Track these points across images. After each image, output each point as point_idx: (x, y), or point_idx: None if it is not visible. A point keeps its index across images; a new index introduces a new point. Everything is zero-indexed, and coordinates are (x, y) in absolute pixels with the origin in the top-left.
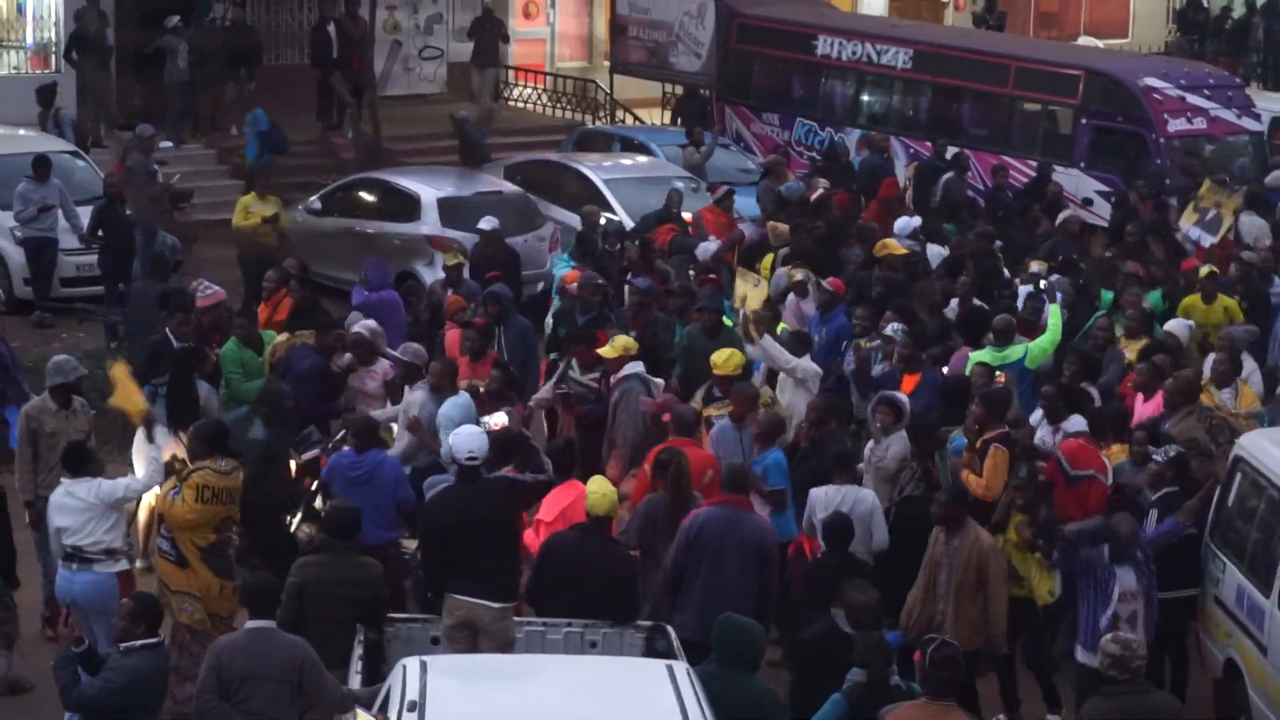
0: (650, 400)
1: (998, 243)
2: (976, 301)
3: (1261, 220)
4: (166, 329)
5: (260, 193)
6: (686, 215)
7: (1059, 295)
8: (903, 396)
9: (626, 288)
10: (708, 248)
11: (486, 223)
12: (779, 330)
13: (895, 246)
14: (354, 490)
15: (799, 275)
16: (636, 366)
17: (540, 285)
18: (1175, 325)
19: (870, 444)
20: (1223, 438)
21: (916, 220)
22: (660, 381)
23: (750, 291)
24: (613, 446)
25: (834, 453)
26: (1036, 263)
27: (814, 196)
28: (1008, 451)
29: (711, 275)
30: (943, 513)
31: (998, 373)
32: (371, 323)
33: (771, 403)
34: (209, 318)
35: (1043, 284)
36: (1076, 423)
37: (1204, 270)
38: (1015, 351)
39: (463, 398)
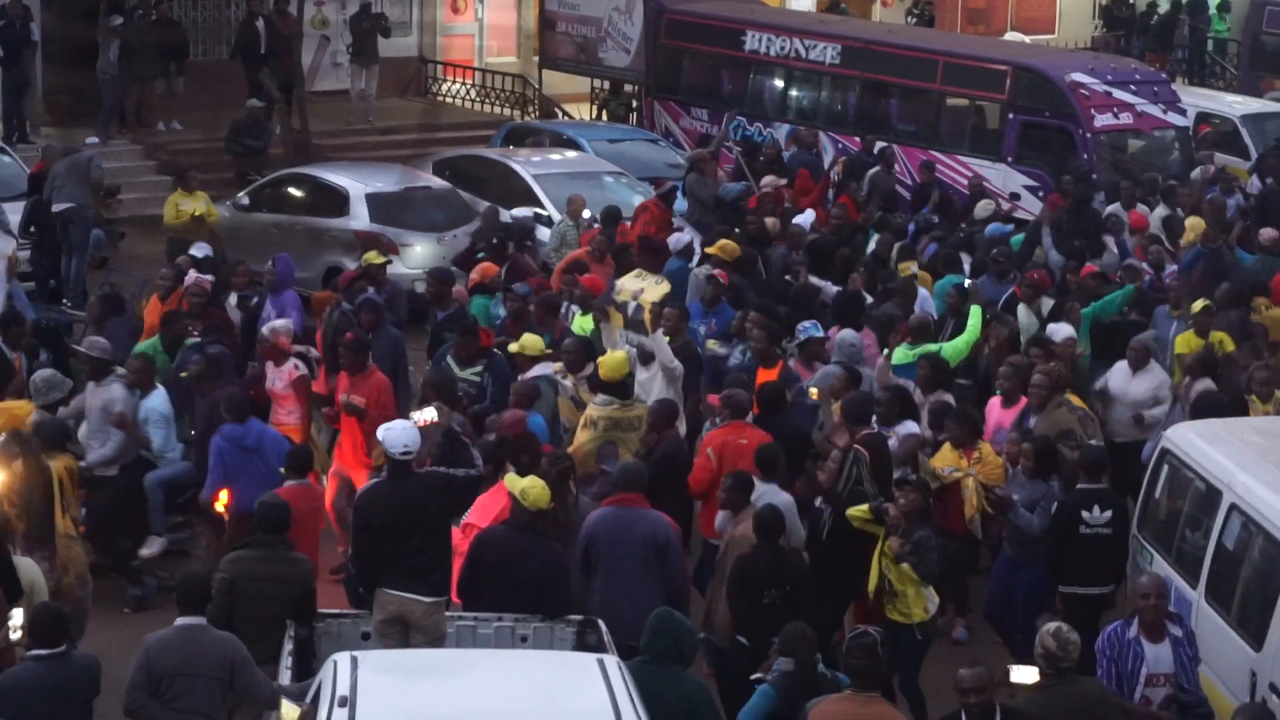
0: (714, 396)
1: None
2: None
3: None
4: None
5: (189, 188)
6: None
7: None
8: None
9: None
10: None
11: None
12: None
13: (731, 248)
14: (247, 458)
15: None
16: (548, 368)
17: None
18: (1057, 329)
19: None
20: (1091, 429)
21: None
22: (569, 384)
23: (651, 289)
24: None
25: (758, 452)
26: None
27: (758, 196)
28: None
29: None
30: (728, 496)
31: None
32: (282, 322)
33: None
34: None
35: (966, 284)
36: (909, 426)
37: (1198, 305)
38: (929, 349)
39: (162, 392)
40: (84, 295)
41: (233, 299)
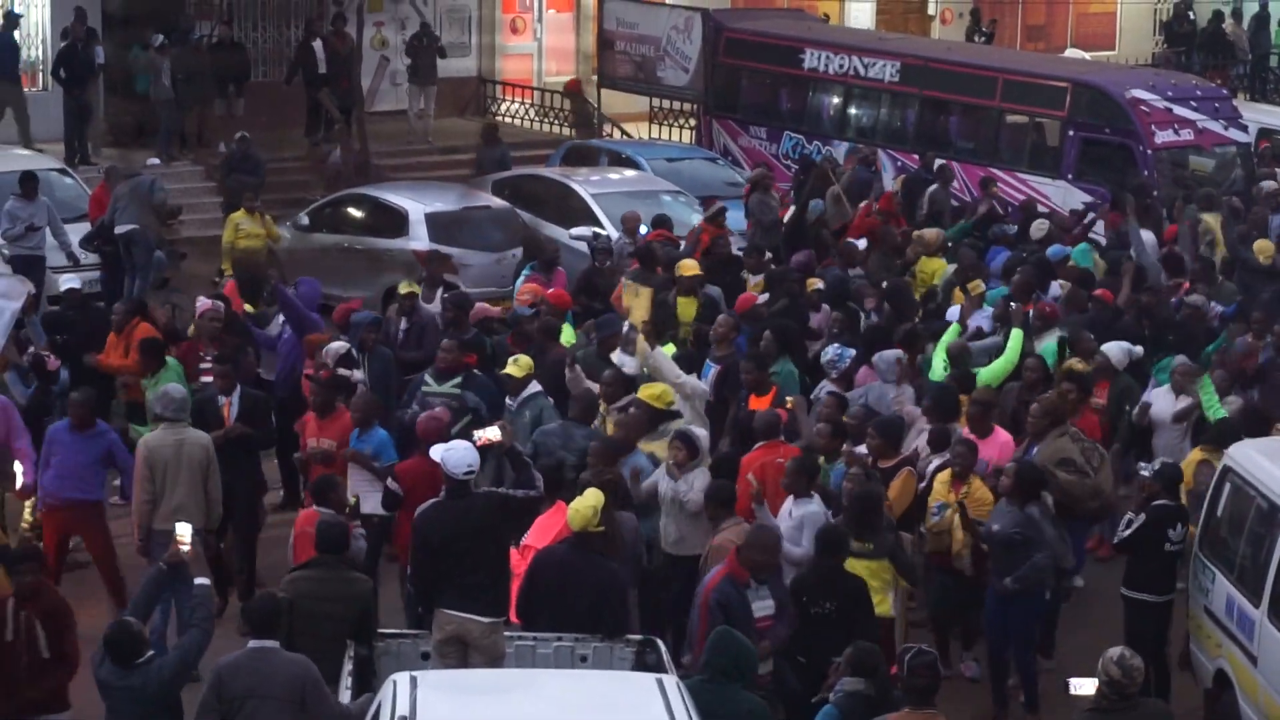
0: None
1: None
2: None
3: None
4: None
5: (249, 210)
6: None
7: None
8: (698, 433)
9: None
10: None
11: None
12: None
13: (690, 268)
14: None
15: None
16: (536, 386)
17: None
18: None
19: (666, 479)
20: (1095, 460)
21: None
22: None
23: (635, 303)
24: None
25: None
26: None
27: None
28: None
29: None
30: (709, 509)
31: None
32: (336, 345)
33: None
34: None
35: (1011, 306)
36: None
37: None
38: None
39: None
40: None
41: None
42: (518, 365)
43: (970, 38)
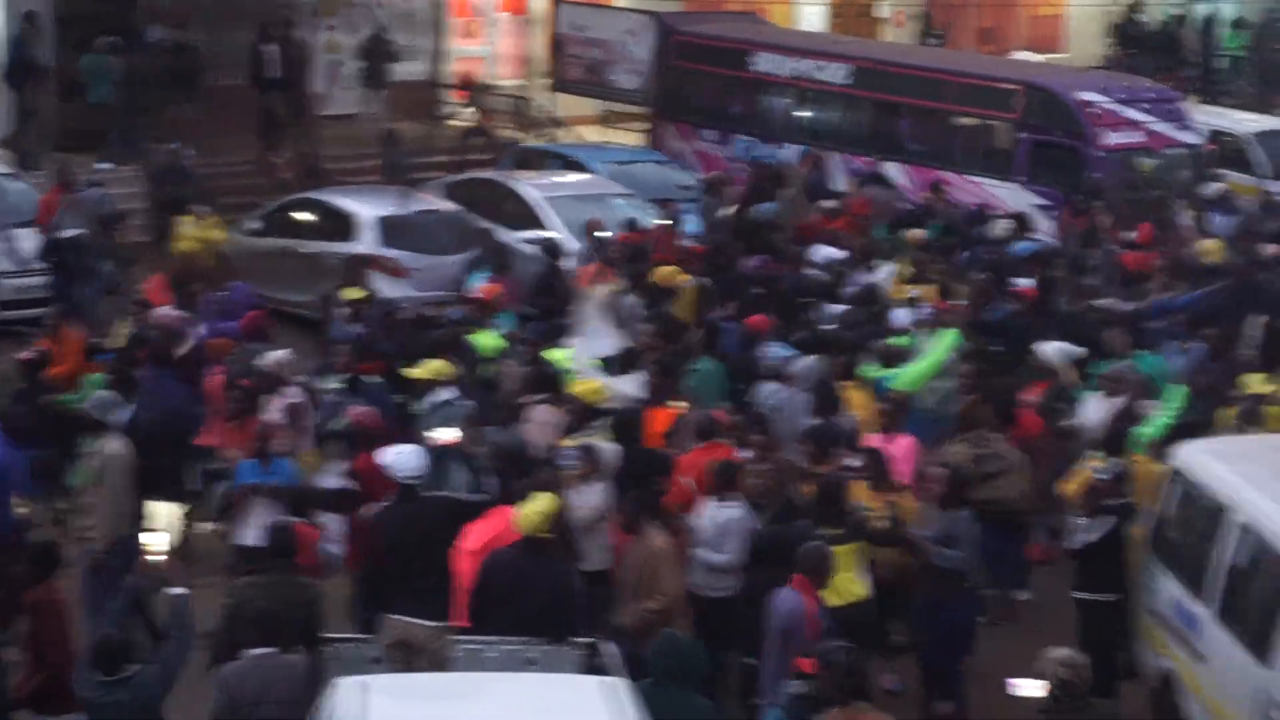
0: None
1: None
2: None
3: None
4: None
5: (196, 214)
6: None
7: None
8: (605, 446)
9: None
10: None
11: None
12: None
13: (672, 275)
14: None
15: None
16: (451, 392)
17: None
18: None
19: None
20: (991, 466)
21: (838, 253)
22: (471, 403)
23: (680, 302)
24: None
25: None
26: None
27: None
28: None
29: None
30: (624, 519)
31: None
32: (281, 354)
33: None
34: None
35: (925, 310)
36: None
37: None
38: (883, 374)
39: None
40: (99, 323)
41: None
42: (424, 369)
43: (922, 41)
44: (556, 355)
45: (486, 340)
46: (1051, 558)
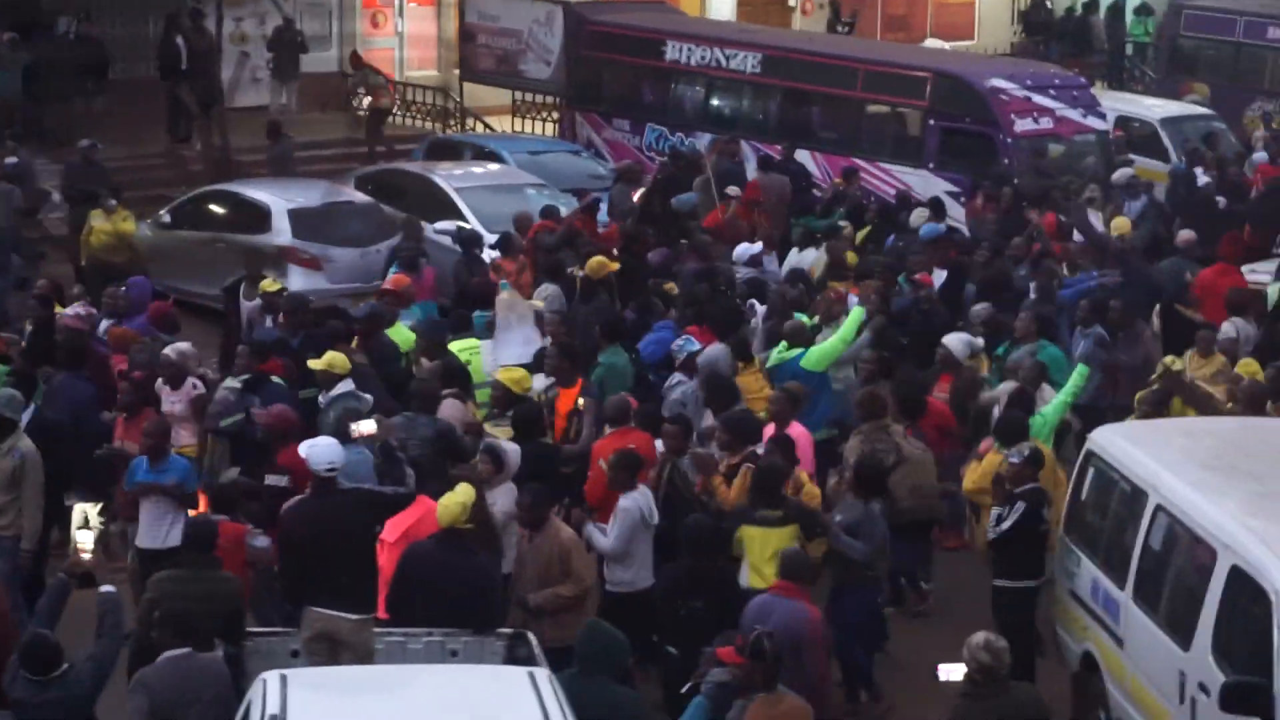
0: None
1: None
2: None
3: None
4: None
5: (106, 208)
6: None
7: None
8: (508, 446)
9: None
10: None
11: None
12: None
13: (602, 265)
14: None
15: None
16: (348, 385)
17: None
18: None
19: None
20: (886, 459)
21: (756, 247)
22: (370, 398)
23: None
24: None
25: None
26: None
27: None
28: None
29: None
30: (528, 514)
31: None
32: (185, 345)
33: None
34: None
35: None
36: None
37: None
38: (793, 354)
39: None
40: (6, 318)
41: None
42: (324, 361)
43: (832, 29)
44: (461, 347)
45: (397, 333)
46: (962, 545)
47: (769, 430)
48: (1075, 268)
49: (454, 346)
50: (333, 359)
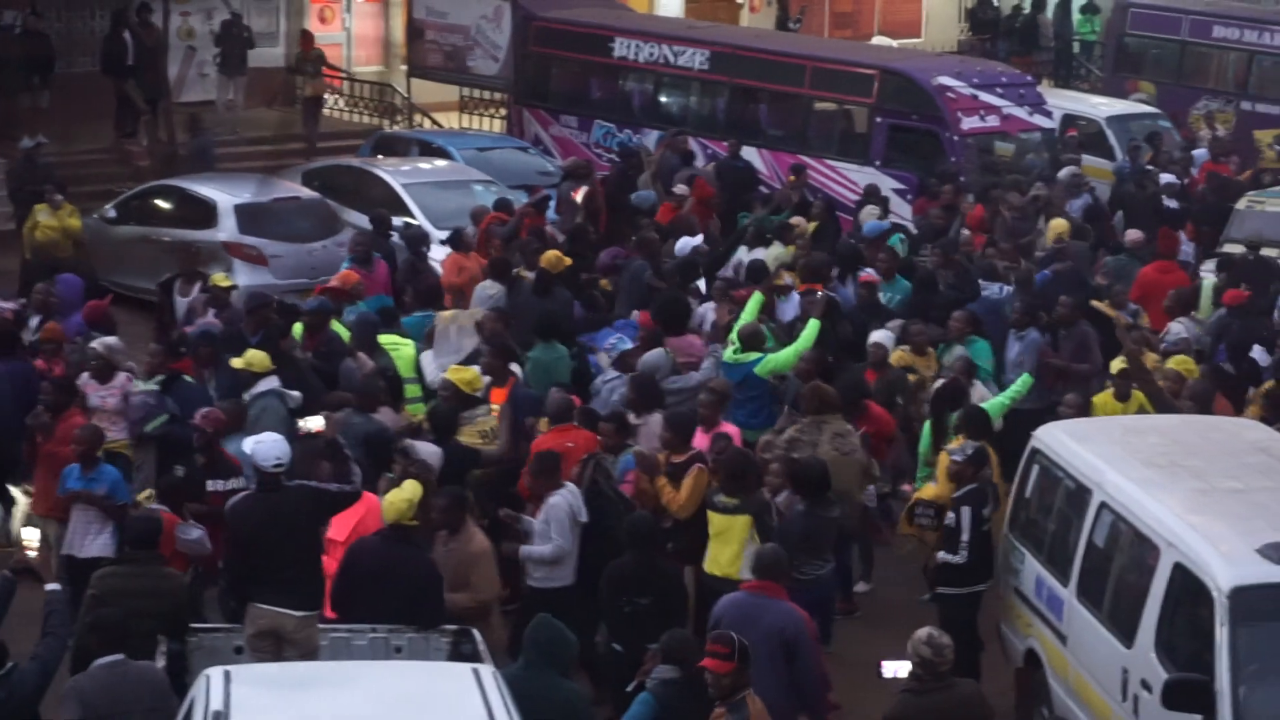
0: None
1: None
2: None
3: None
4: None
5: (51, 203)
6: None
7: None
8: (428, 448)
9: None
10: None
11: None
12: None
13: (557, 260)
14: None
15: None
16: (271, 382)
17: None
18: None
19: None
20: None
21: (696, 239)
22: (298, 395)
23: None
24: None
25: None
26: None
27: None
28: (707, 472)
29: None
30: (444, 517)
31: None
32: (112, 340)
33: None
34: None
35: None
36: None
37: (1116, 364)
38: (749, 357)
39: None
40: None
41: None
42: (244, 360)
43: (783, 26)
44: (390, 342)
45: (343, 330)
46: (888, 541)
47: (700, 432)
48: (992, 271)
49: (381, 340)
50: (251, 358)
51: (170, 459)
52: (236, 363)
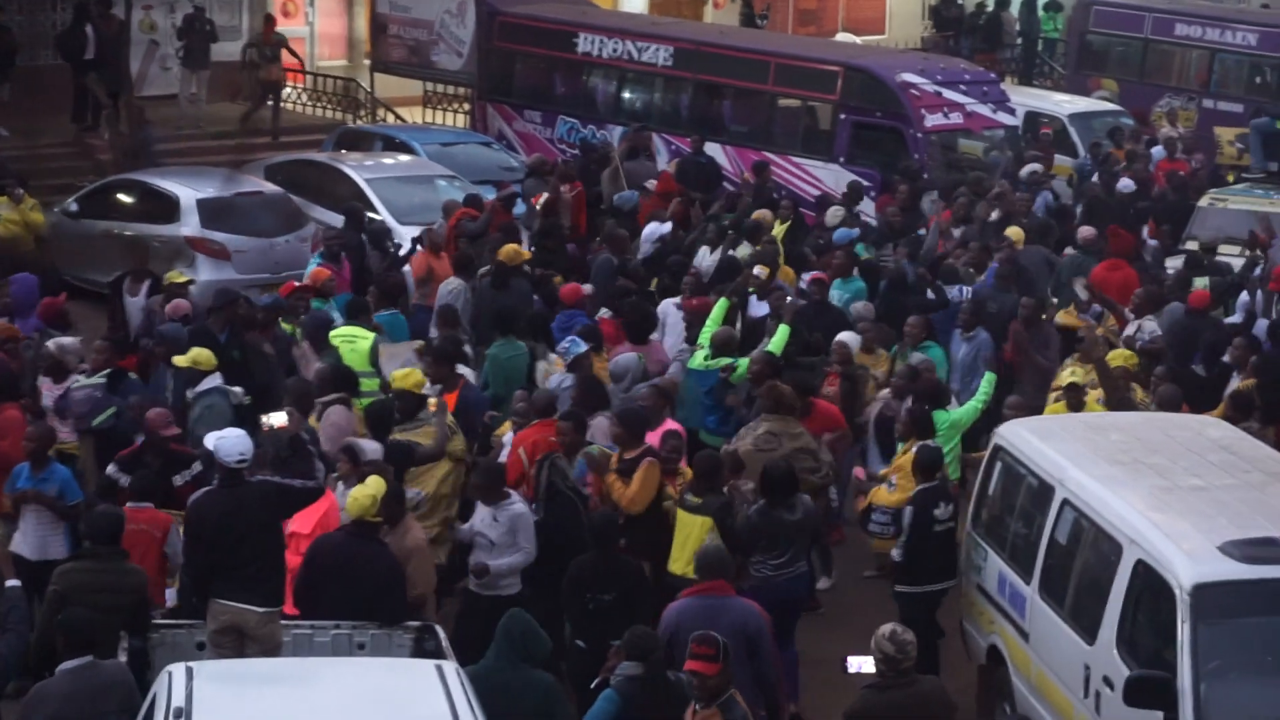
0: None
1: None
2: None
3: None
4: None
5: (12, 197)
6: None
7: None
8: (368, 444)
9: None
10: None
11: None
12: None
13: (516, 254)
14: None
15: None
16: (215, 380)
17: None
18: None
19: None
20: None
21: (665, 227)
22: (239, 390)
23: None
24: None
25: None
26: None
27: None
28: (659, 466)
29: None
30: (386, 511)
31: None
32: (67, 340)
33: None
34: None
35: (789, 298)
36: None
37: (1064, 376)
38: (720, 363)
39: None
40: None
41: None
42: (189, 358)
43: (750, 23)
44: (347, 334)
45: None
46: (839, 538)
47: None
48: (953, 273)
49: (338, 333)
50: (197, 355)
51: (110, 454)
52: (181, 360)
